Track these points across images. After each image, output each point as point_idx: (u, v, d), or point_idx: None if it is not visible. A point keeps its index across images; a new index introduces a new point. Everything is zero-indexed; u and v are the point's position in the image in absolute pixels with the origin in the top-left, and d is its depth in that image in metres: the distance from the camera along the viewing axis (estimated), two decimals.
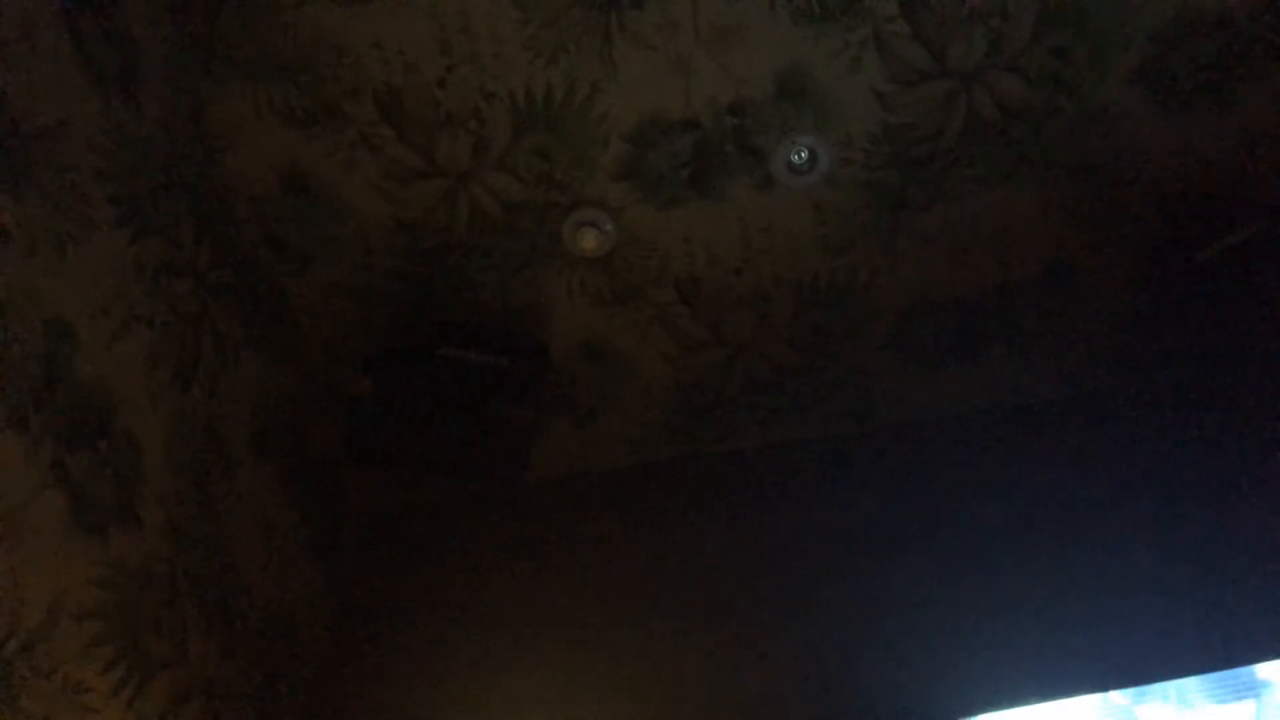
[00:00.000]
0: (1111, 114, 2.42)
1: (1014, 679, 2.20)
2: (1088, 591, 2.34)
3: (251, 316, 2.35)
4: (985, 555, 2.48)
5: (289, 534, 2.43)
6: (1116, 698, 2.17)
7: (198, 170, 2.20)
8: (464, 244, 2.47)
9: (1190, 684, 2.17)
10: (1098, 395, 2.89)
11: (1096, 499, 2.57)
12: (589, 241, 2.45)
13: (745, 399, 2.86)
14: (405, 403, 2.38)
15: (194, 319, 2.10)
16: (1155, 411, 2.79)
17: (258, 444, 2.31)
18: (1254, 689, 2.19)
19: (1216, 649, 2.19)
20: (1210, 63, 2.38)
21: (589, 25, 2.18)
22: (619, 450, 2.95)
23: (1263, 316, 2.48)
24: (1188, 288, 2.55)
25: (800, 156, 2.39)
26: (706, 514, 2.78)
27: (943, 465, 2.78)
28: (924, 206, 2.53)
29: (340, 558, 2.72)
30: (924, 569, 2.47)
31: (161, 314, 1.97)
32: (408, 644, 2.54)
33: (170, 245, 2.03)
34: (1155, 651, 2.20)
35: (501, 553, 2.75)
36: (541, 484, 2.93)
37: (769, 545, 2.63)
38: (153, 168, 2.00)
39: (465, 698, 2.38)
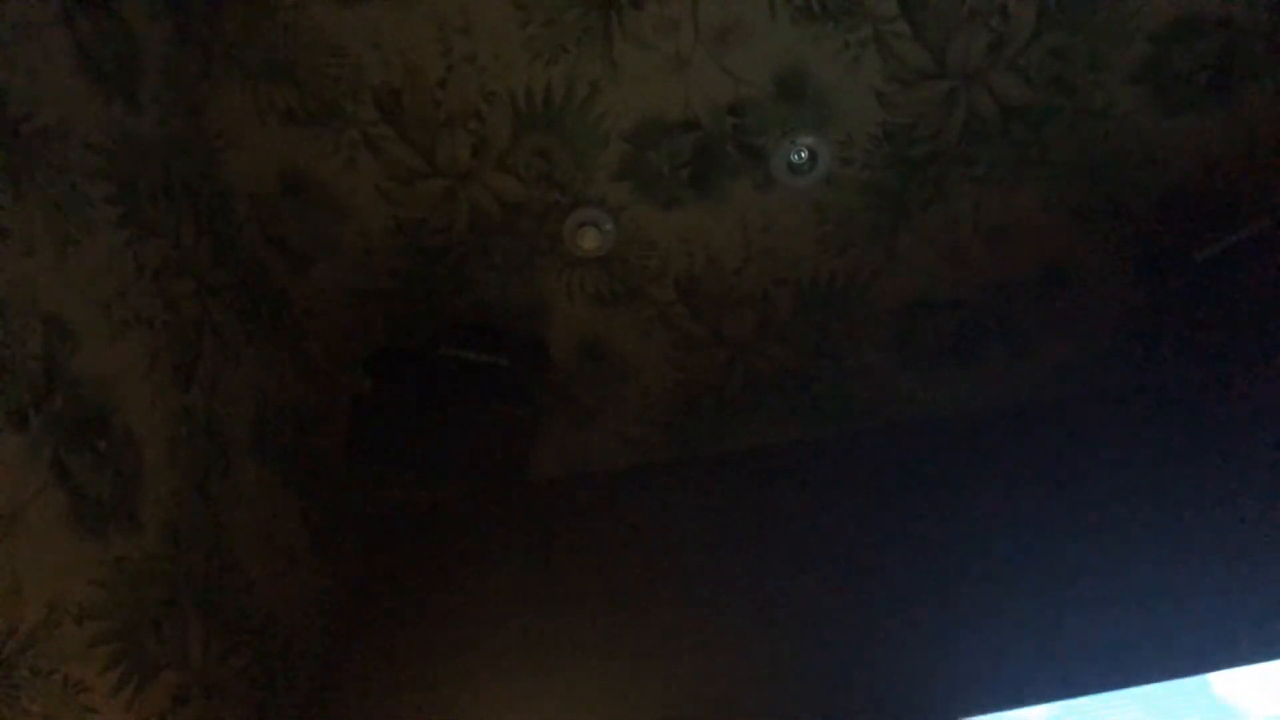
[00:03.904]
0: (1112, 114, 2.43)
1: (1013, 679, 2.20)
2: (1087, 592, 2.34)
3: (251, 316, 2.35)
4: (985, 555, 2.48)
5: (289, 534, 2.43)
6: None
7: (198, 170, 2.20)
8: (464, 244, 2.47)
9: None
10: (1098, 395, 2.89)
11: (1096, 499, 2.57)
12: (589, 241, 2.45)
13: (745, 399, 2.86)
14: (405, 403, 2.38)
15: (194, 319, 2.10)
16: (1155, 411, 2.79)
17: (258, 444, 2.31)
18: None
19: (1217, 650, 2.19)
20: (1211, 62, 2.38)
21: (589, 25, 2.18)
22: (619, 450, 2.95)
23: (1263, 316, 2.48)
24: (1188, 288, 2.55)
25: (800, 156, 2.39)
26: (706, 514, 2.78)
27: (943, 465, 2.78)
28: (924, 206, 2.53)
29: (340, 558, 2.72)
30: (924, 569, 2.47)
31: (161, 314, 1.97)
32: (408, 644, 2.54)
33: (170, 245, 2.03)
34: (1156, 652, 2.20)
35: (501, 553, 2.75)
36: (541, 484, 2.93)
37: (768, 545, 2.63)
38: (153, 168, 2.01)
39: (465, 697, 2.38)
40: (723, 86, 2.28)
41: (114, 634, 1.71)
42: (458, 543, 2.82)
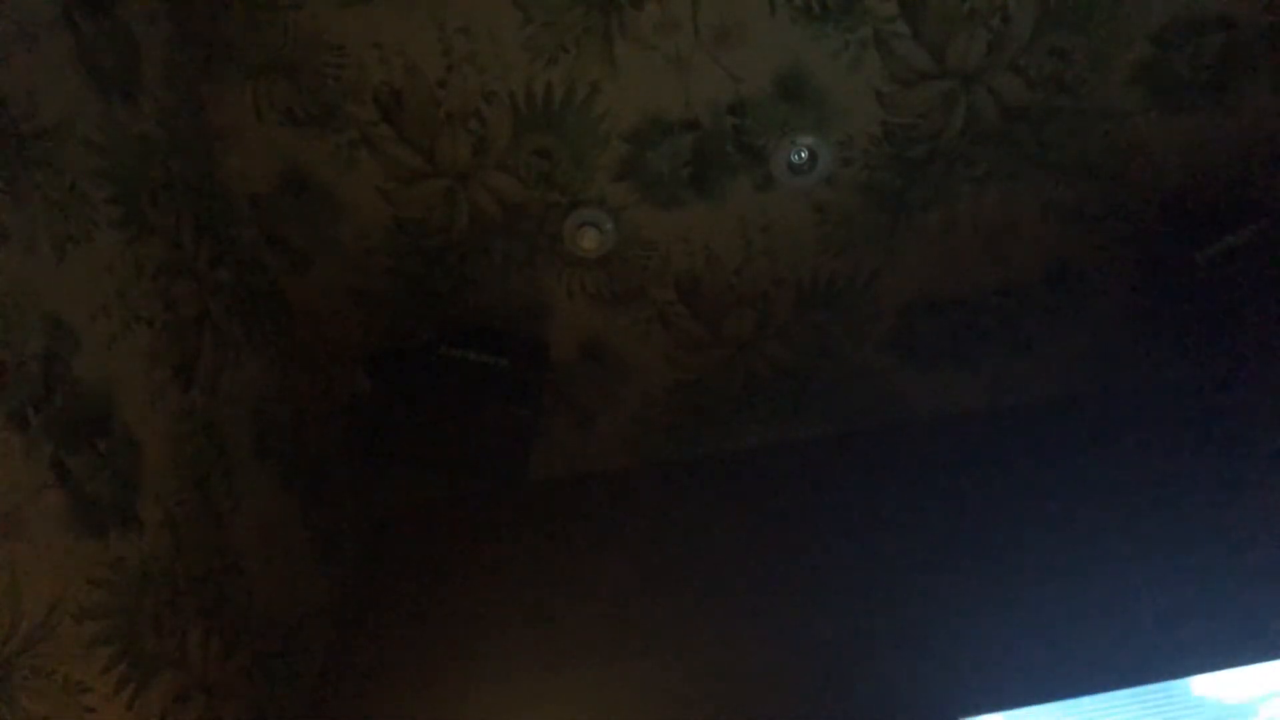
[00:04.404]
0: (1112, 114, 2.42)
1: (1013, 680, 2.20)
2: (1087, 592, 2.34)
3: (251, 316, 2.35)
4: (985, 555, 2.48)
5: (289, 534, 2.43)
6: None
7: (198, 170, 2.20)
8: (464, 244, 2.47)
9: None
10: (1098, 395, 2.89)
11: (1096, 499, 2.57)
12: (589, 241, 2.45)
13: (745, 399, 2.86)
14: (405, 403, 2.38)
15: (194, 319, 2.10)
16: (1155, 411, 2.79)
17: (258, 444, 2.31)
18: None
19: (1219, 650, 2.19)
20: (1211, 63, 2.38)
21: (589, 25, 2.18)
22: (619, 450, 2.95)
23: (1263, 316, 2.48)
24: (1188, 288, 2.55)
25: (800, 156, 2.39)
26: (706, 514, 2.78)
27: (943, 465, 2.78)
28: (924, 206, 2.53)
29: (340, 558, 2.72)
30: (924, 569, 2.47)
31: (161, 314, 1.97)
32: (408, 644, 2.54)
33: (170, 245, 2.03)
34: (1156, 653, 2.20)
35: (501, 553, 2.75)
36: (541, 484, 2.93)
37: (769, 545, 2.63)
38: (153, 168, 2.01)
39: (465, 698, 2.38)
40: (723, 86, 2.28)
41: (114, 634, 1.71)
42: (458, 543, 2.82)
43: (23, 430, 1.53)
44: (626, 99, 2.28)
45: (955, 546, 2.52)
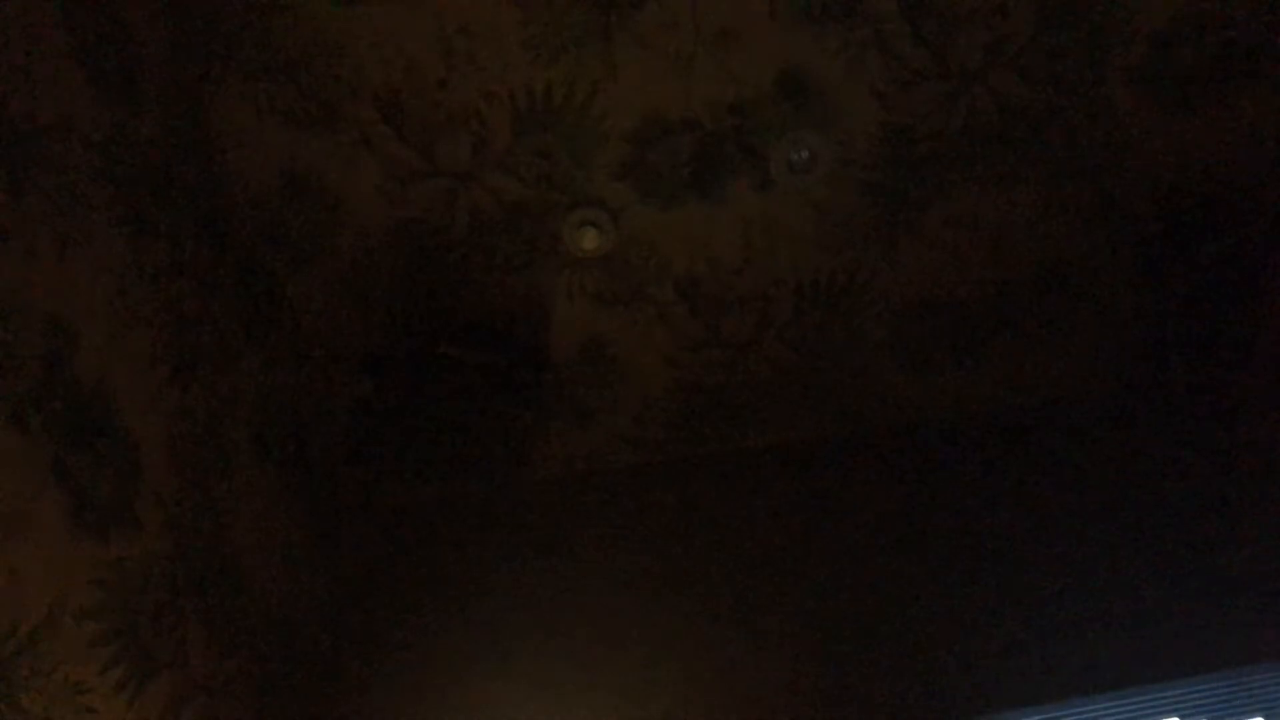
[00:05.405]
0: (1111, 114, 2.43)
1: (1012, 682, 2.20)
2: (1087, 594, 2.34)
3: (251, 316, 2.35)
4: (985, 556, 2.48)
5: (289, 534, 2.43)
6: None
7: (198, 170, 2.20)
8: (464, 244, 2.47)
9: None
10: (1097, 395, 2.90)
11: (1097, 500, 2.57)
12: (589, 241, 2.45)
13: (745, 399, 2.86)
14: (405, 403, 2.38)
15: (194, 319, 2.10)
16: (1155, 412, 2.79)
17: (258, 444, 2.31)
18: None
19: (1220, 652, 2.18)
20: (1210, 63, 2.38)
21: (589, 25, 2.18)
22: (619, 450, 2.95)
23: (1263, 316, 2.48)
24: (1188, 288, 2.55)
25: (800, 156, 2.39)
26: (706, 514, 2.78)
27: (943, 465, 2.78)
28: (924, 206, 2.53)
29: (340, 558, 2.72)
30: (923, 570, 2.48)
31: (161, 314, 1.97)
32: (408, 644, 2.55)
33: (170, 245, 2.03)
34: (1158, 655, 2.20)
35: (501, 553, 2.75)
36: (541, 484, 2.93)
37: (768, 545, 2.64)
38: (153, 168, 2.00)
39: (465, 697, 2.38)
40: (723, 86, 2.28)
41: (114, 634, 1.71)
42: (457, 543, 2.82)
43: (23, 430, 1.53)
44: (626, 99, 2.28)
45: (955, 547, 2.52)
